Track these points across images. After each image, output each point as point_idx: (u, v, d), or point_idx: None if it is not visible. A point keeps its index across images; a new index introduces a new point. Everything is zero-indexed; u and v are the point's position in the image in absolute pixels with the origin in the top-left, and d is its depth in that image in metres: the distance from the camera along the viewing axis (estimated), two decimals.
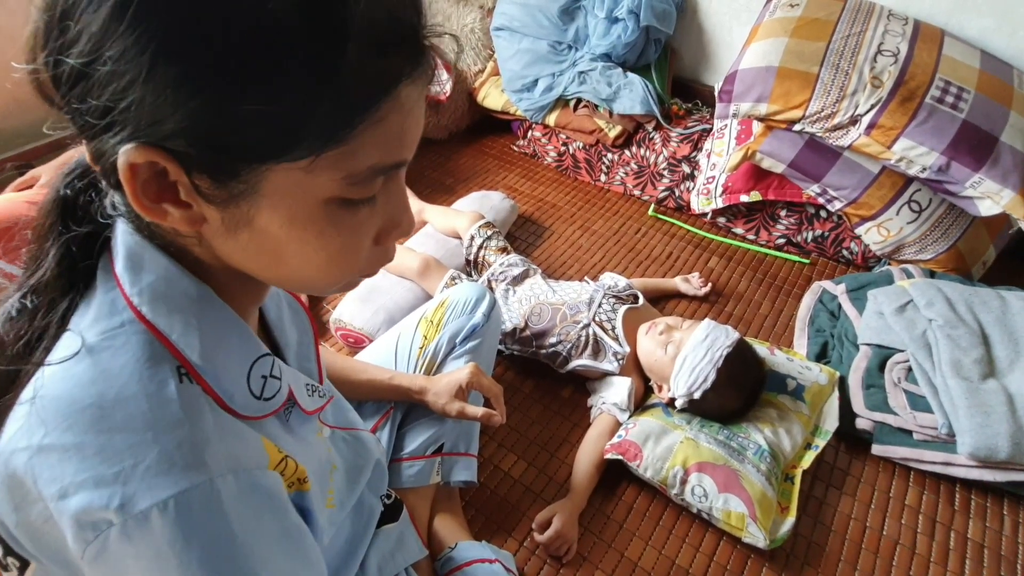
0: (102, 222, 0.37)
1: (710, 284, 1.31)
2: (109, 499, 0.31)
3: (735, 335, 0.98)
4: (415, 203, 1.42)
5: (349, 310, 1.15)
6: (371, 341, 1.07)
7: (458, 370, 0.82)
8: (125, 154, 0.30)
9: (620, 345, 1.04)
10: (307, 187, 0.33)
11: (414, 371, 0.87)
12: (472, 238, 1.27)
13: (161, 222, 0.33)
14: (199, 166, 0.31)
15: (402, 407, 0.85)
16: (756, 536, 0.83)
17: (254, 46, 0.28)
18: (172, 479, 0.32)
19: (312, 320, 0.55)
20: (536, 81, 1.64)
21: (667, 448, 0.91)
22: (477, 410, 0.80)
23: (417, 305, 1.12)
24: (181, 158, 0.31)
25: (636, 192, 1.62)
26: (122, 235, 0.36)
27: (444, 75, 1.70)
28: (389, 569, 0.68)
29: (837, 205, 1.32)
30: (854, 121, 1.22)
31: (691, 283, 1.30)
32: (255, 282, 0.41)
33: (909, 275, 1.22)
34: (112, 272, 0.36)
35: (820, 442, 0.98)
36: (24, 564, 0.38)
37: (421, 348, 0.87)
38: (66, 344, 0.34)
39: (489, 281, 1.21)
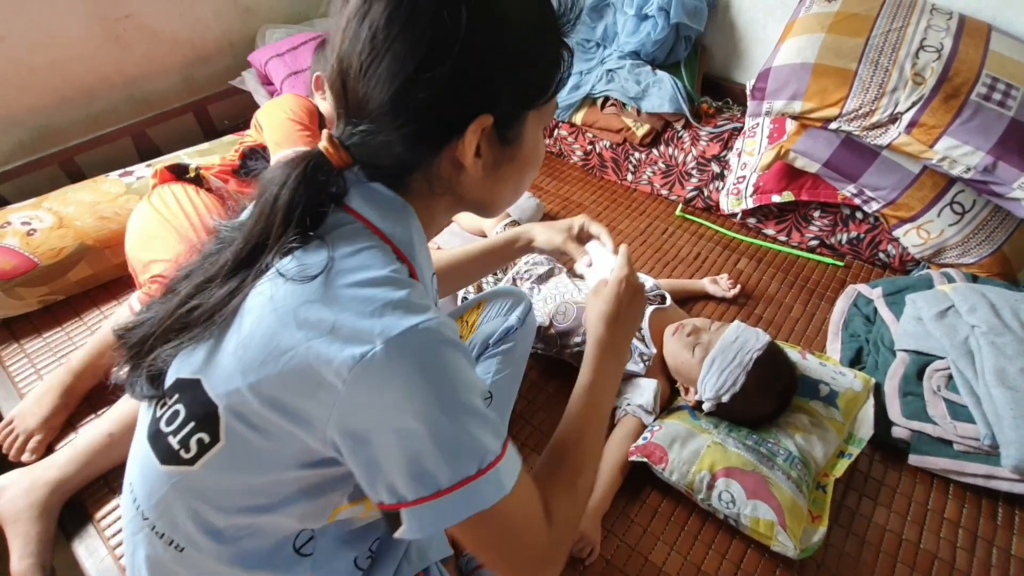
0: (329, 188, 0.50)
1: (739, 286, 1.28)
2: (372, 327, 0.42)
3: (765, 338, 0.96)
4: None
5: None
6: None
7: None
8: (479, 121, 0.47)
9: (646, 346, 1.03)
10: (540, 120, 0.54)
11: None
12: None
13: (467, 166, 0.49)
14: (509, 122, 0.50)
15: None
16: (785, 545, 0.81)
17: (550, 43, 0.50)
18: (416, 315, 0.43)
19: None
20: None
21: (693, 452, 0.89)
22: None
23: (445, 304, 1.12)
24: (502, 118, 0.49)
25: (664, 192, 1.60)
26: (359, 187, 0.51)
27: None
28: (421, 561, 0.69)
29: (874, 206, 1.28)
30: (894, 119, 1.18)
31: (720, 285, 1.28)
32: (443, 218, 0.58)
33: (950, 279, 1.17)
34: (351, 213, 0.49)
35: (854, 450, 0.95)
36: (202, 450, 0.47)
37: None
38: (317, 245, 0.47)
39: (514, 279, 1.21)
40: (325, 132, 0.49)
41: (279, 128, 1.20)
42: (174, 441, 0.48)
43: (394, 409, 0.42)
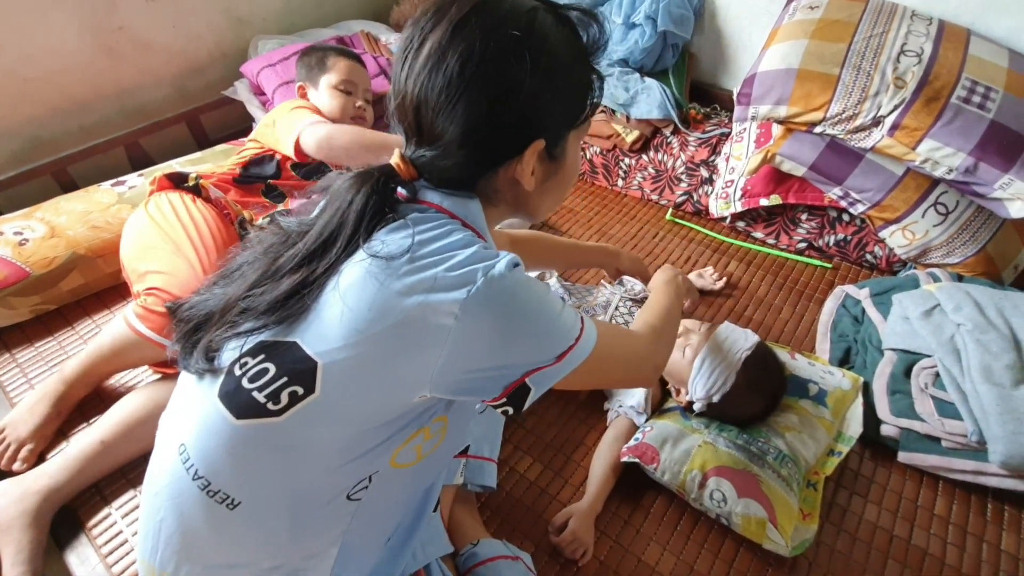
0: (399, 192, 0.58)
1: (725, 278, 1.30)
2: (470, 271, 0.50)
3: (755, 338, 0.97)
4: None
5: None
6: None
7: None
8: (534, 145, 0.56)
9: None
10: (578, 137, 0.62)
11: None
12: None
13: (524, 183, 0.58)
14: (556, 141, 0.58)
15: None
16: (777, 543, 0.82)
17: (585, 71, 0.59)
18: (506, 259, 0.52)
19: None
20: None
21: (685, 452, 0.90)
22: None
23: None
24: (551, 140, 0.57)
25: (654, 197, 1.62)
26: (429, 190, 0.58)
27: None
28: (421, 558, 0.70)
29: (860, 208, 1.29)
30: (877, 122, 1.20)
31: (705, 278, 1.29)
32: (497, 223, 0.65)
33: (936, 279, 1.19)
34: (424, 203, 0.57)
35: (843, 448, 0.96)
36: (293, 401, 0.51)
37: None
38: (400, 224, 0.54)
39: None
40: (397, 151, 0.57)
41: (300, 116, 1.18)
42: (260, 395, 0.51)
43: (503, 329, 0.52)
